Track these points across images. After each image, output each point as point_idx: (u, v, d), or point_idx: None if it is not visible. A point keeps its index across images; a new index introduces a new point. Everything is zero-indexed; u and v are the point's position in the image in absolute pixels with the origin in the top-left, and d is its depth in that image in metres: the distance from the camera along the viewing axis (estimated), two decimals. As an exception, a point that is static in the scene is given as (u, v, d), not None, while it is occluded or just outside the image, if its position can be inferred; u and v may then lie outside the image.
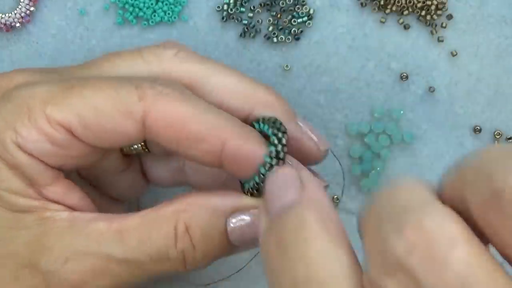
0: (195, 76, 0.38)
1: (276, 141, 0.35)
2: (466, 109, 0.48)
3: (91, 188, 0.42)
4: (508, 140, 0.47)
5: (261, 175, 0.35)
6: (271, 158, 0.35)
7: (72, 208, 0.37)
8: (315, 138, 0.38)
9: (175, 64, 0.38)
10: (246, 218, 0.36)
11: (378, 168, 0.47)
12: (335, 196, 0.48)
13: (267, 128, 0.36)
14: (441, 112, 0.48)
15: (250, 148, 0.35)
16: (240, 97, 0.38)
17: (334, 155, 0.45)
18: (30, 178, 0.36)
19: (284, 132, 0.36)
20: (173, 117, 0.35)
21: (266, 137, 0.37)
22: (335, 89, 0.47)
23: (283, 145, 0.35)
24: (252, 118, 0.38)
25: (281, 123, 0.36)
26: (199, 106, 0.35)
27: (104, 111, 0.35)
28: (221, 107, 0.38)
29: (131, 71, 0.38)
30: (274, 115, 0.37)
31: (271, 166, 0.35)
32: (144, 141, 0.40)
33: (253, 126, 0.37)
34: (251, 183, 0.36)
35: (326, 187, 0.39)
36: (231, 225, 0.36)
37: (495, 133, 0.47)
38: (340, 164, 0.47)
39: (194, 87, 0.38)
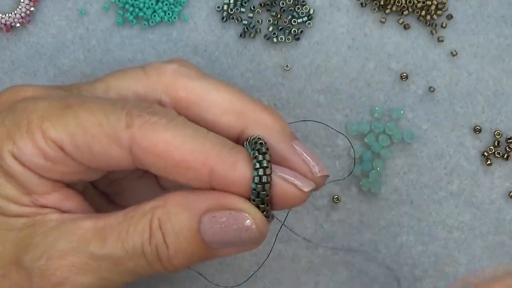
0: (192, 92, 0.39)
1: (257, 165, 0.35)
2: (466, 109, 0.48)
3: (106, 201, 0.42)
4: (508, 140, 0.47)
5: (254, 200, 0.35)
6: (256, 184, 0.35)
7: (67, 212, 0.37)
8: (309, 161, 0.38)
9: (173, 78, 0.39)
10: (218, 218, 0.35)
11: (378, 168, 0.47)
12: (335, 196, 0.48)
13: (250, 150, 0.36)
14: (441, 112, 0.48)
15: (237, 175, 0.35)
16: (234, 114, 0.38)
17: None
18: (25, 187, 0.36)
19: (265, 153, 0.35)
20: (159, 145, 0.35)
21: None
22: (335, 89, 0.47)
23: (265, 168, 0.35)
24: (245, 136, 0.38)
25: (262, 143, 0.36)
26: (186, 134, 0.35)
27: (93, 134, 0.35)
28: (215, 124, 0.38)
29: (132, 85, 0.39)
30: (259, 135, 0.37)
31: (259, 193, 0.35)
32: None
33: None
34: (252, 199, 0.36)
35: (326, 177, 0.38)
36: (203, 224, 0.35)
37: (495, 133, 0.47)
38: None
39: (190, 102, 0.38)
